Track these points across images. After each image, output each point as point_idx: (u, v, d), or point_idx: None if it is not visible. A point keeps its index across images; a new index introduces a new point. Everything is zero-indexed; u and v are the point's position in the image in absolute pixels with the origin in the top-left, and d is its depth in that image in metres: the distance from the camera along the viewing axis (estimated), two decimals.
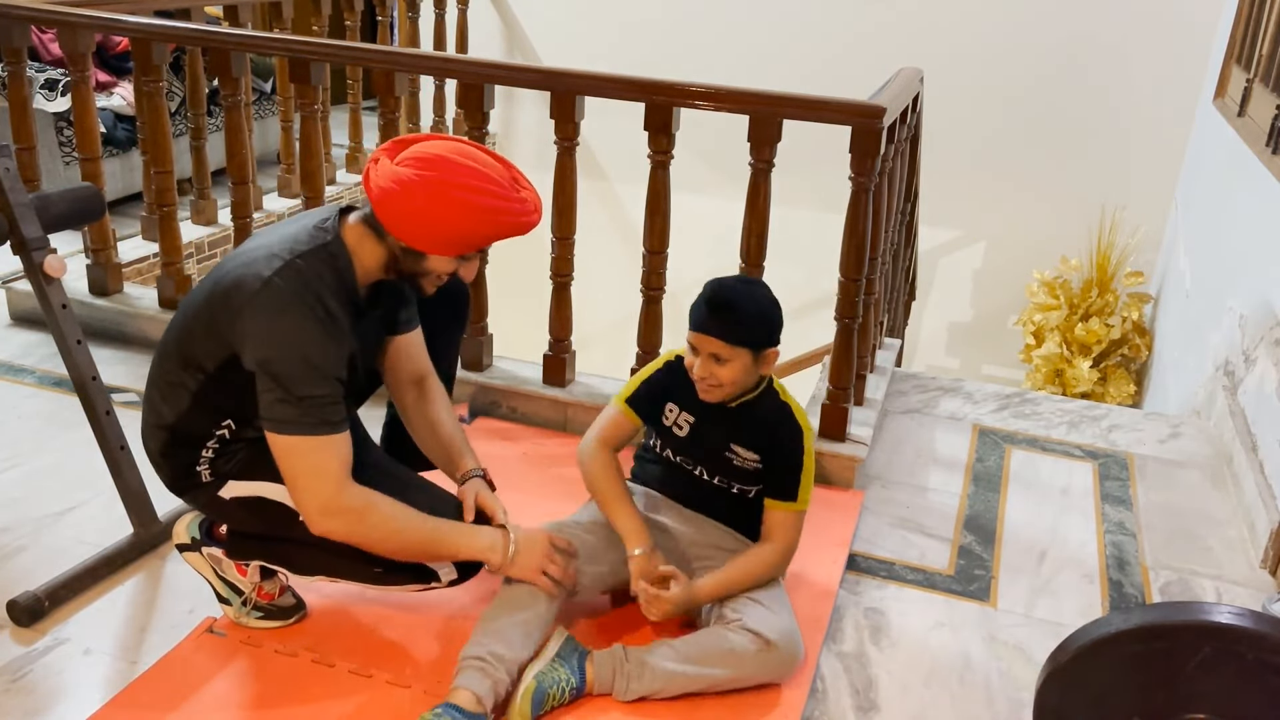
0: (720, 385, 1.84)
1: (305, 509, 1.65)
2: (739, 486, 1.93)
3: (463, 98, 2.57)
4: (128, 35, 3.09)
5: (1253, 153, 3.32)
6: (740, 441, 1.90)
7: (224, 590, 1.86)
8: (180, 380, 1.69)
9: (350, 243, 1.68)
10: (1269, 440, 2.55)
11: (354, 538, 1.68)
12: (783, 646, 1.77)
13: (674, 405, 1.95)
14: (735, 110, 2.37)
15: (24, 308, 3.12)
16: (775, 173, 2.42)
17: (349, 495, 1.64)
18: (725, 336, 1.79)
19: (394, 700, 1.72)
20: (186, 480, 1.77)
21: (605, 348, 3.93)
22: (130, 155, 4.13)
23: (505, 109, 5.69)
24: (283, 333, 1.58)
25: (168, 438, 1.74)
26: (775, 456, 1.89)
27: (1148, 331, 4.68)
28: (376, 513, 1.67)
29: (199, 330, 1.66)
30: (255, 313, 1.58)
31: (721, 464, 1.92)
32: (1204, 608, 1.46)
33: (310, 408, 1.59)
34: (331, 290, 1.63)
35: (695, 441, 1.93)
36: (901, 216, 3.17)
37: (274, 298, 1.58)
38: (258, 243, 1.68)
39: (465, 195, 1.61)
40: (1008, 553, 2.34)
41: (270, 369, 1.58)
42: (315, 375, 1.59)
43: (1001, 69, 4.97)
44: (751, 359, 1.82)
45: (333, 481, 1.62)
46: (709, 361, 1.82)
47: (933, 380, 3.20)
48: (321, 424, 1.60)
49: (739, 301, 1.81)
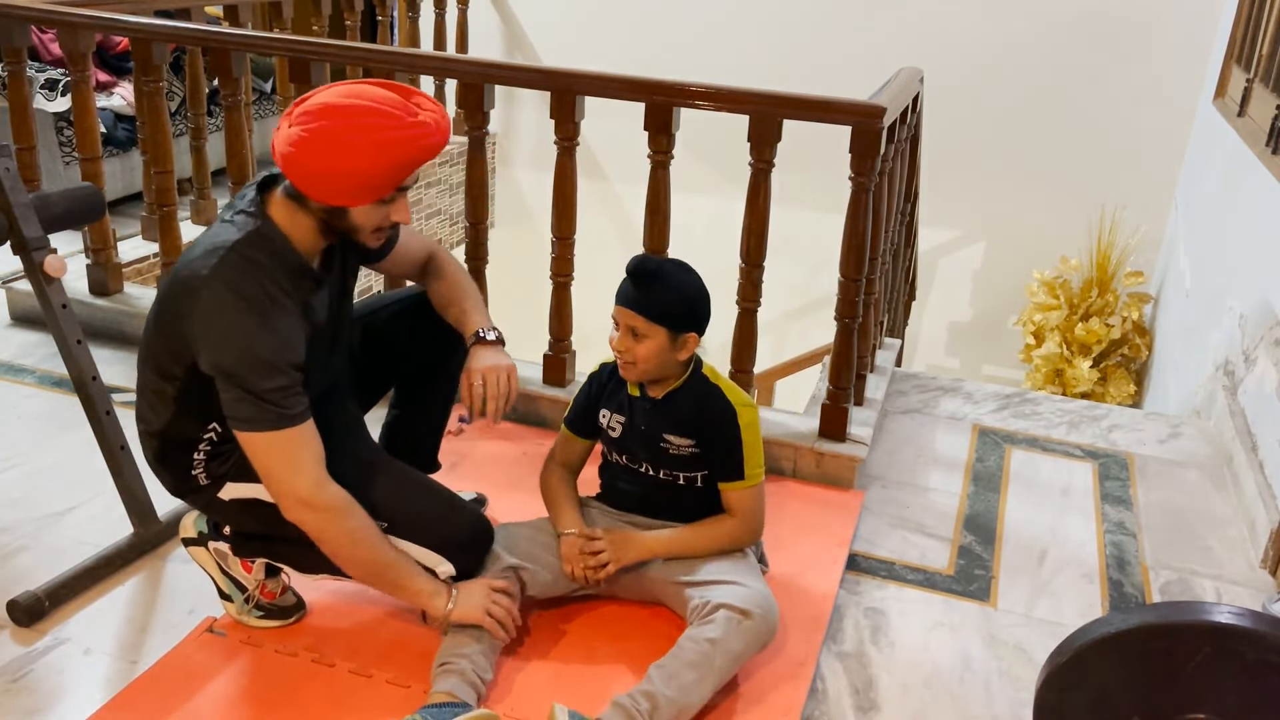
0: (634, 363, 1.85)
1: (280, 499, 1.65)
2: (684, 476, 1.93)
3: (463, 98, 2.57)
4: (128, 35, 3.09)
5: (1253, 153, 3.32)
6: (670, 430, 1.90)
7: (227, 586, 1.86)
8: (159, 388, 1.69)
9: (280, 220, 1.65)
10: (1269, 440, 2.55)
11: (322, 535, 1.66)
12: (757, 613, 1.74)
13: (606, 411, 1.97)
14: (735, 110, 2.37)
15: (24, 308, 3.12)
16: (775, 173, 2.42)
17: (327, 494, 1.63)
18: (643, 310, 1.80)
19: (394, 700, 1.71)
20: (186, 485, 1.77)
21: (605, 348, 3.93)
22: (130, 155, 4.12)
23: (505, 109, 5.69)
24: (225, 331, 1.57)
25: (160, 444, 1.75)
26: (711, 439, 1.89)
27: (1148, 331, 4.69)
28: (348, 520, 1.66)
29: (160, 338, 1.67)
30: (198, 315, 1.57)
31: (659, 455, 1.92)
32: (1204, 608, 1.46)
33: (268, 403, 1.58)
34: (271, 275, 1.61)
35: (630, 437, 1.94)
36: (901, 216, 3.17)
37: (213, 297, 1.57)
38: (198, 241, 1.66)
39: (358, 136, 1.56)
40: (1008, 553, 2.34)
41: (222, 369, 1.58)
42: (265, 369, 1.57)
43: (1001, 69, 4.97)
44: (668, 339, 1.83)
45: (305, 474, 1.62)
46: (627, 335, 1.84)
47: (933, 380, 3.20)
48: (281, 418, 1.59)
49: (662, 278, 1.82)
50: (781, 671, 1.84)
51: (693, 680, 1.67)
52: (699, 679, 1.68)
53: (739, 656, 1.73)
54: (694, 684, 1.67)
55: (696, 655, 1.69)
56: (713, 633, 1.71)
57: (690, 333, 1.85)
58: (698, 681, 1.68)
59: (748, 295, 2.50)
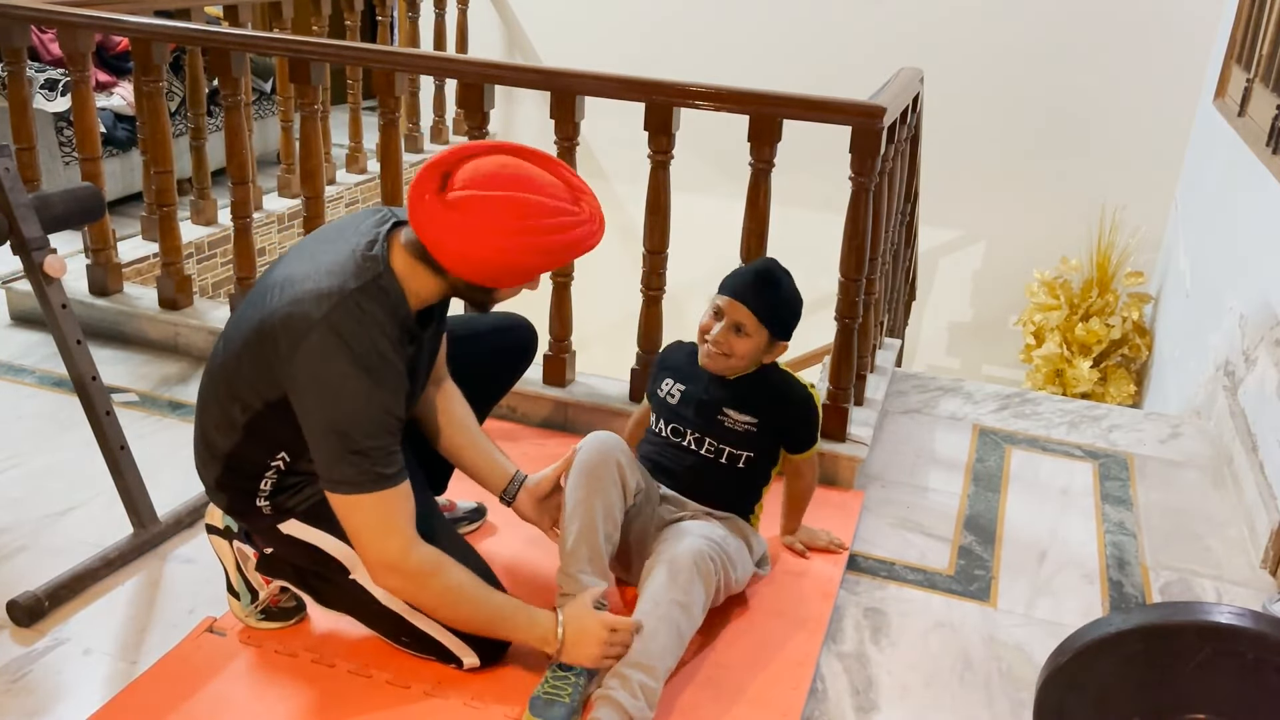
0: (730, 356, 1.91)
1: (369, 564, 1.60)
2: (729, 451, 1.96)
3: (463, 98, 2.57)
4: (128, 35, 3.09)
5: (1253, 153, 3.32)
6: (733, 406, 1.95)
7: (238, 584, 1.85)
8: (230, 412, 1.62)
9: (400, 272, 1.57)
10: (1269, 440, 2.55)
11: (416, 600, 1.65)
12: (684, 563, 1.75)
13: (669, 379, 2.04)
14: (735, 110, 2.37)
15: (24, 308, 3.12)
16: (775, 173, 2.42)
17: (417, 556, 1.58)
18: (758, 311, 1.88)
19: (394, 700, 1.71)
20: (246, 510, 1.72)
21: (605, 348, 3.93)
22: (130, 155, 4.12)
23: (505, 109, 5.69)
24: (334, 387, 1.49)
25: (222, 469, 1.68)
26: (791, 416, 1.98)
27: (1148, 331, 4.68)
28: (442, 579, 1.61)
29: (246, 367, 1.59)
30: (303, 361, 1.50)
31: (713, 427, 1.96)
32: (1204, 608, 1.46)
33: (366, 464, 1.52)
34: (384, 330, 1.53)
35: (686, 404, 1.99)
36: (901, 216, 3.17)
37: (323, 346, 1.49)
38: (306, 270, 1.56)
39: (527, 239, 1.51)
40: (1008, 553, 2.33)
41: (326, 425, 1.51)
42: (371, 428, 1.51)
43: (1002, 69, 4.97)
44: (767, 342, 1.92)
45: (397, 539, 1.56)
46: (729, 330, 1.90)
47: (933, 380, 3.20)
48: (379, 479, 1.53)
49: (783, 286, 1.91)
50: (781, 671, 1.84)
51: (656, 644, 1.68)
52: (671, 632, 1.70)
53: (695, 600, 1.74)
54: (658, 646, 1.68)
55: (647, 618, 1.70)
56: (654, 589, 1.73)
57: (784, 340, 1.95)
58: (670, 631, 1.70)
59: None
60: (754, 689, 1.78)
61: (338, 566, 1.71)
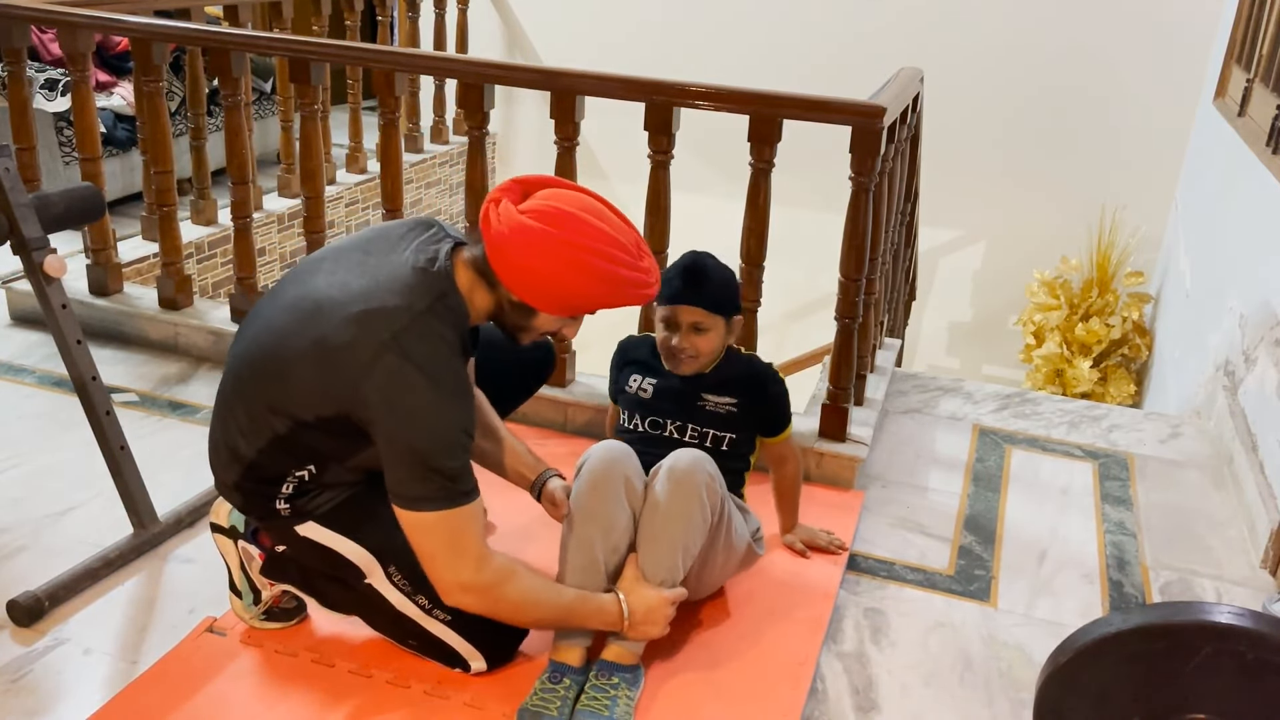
0: (698, 356, 1.94)
1: (442, 584, 1.59)
2: (713, 433, 1.98)
3: (463, 98, 2.57)
4: (128, 35, 3.09)
5: (1253, 153, 3.32)
6: (710, 390, 1.98)
7: (240, 583, 1.85)
8: (267, 422, 1.59)
9: (463, 288, 1.59)
10: (1269, 440, 2.55)
11: (492, 613, 1.64)
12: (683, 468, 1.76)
13: (636, 374, 2.05)
14: (735, 110, 2.37)
15: (24, 308, 3.12)
16: (775, 173, 2.42)
17: (489, 570, 1.58)
18: (705, 304, 1.90)
19: (394, 700, 1.71)
20: (261, 511, 1.70)
21: (605, 348, 3.92)
22: (130, 155, 4.13)
23: (505, 109, 5.69)
24: (411, 411, 1.48)
25: (244, 472, 1.65)
26: (757, 395, 2.00)
27: (1148, 331, 4.68)
28: (514, 586, 1.62)
29: (299, 382, 1.54)
30: (377, 385, 1.47)
31: (695, 414, 1.98)
32: (1204, 608, 1.46)
33: (443, 482, 1.51)
34: (455, 349, 1.54)
35: (661, 396, 2.01)
36: (901, 216, 3.17)
37: (401, 370, 1.47)
38: (363, 286, 1.53)
39: (590, 259, 1.53)
40: (1008, 553, 2.33)
41: (399, 446, 1.50)
42: (451, 448, 1.51)
43: (1002, 69, 4.98)
44: (725, 326, 1.95)
45: (471, 558, 1.56)
46: (690, 333, 1.92)
47: (933, 380, 3.20)
48: (455, 495, 1.53)
49: (711, 268, 1.93)
50: (781, 671, 1.84)
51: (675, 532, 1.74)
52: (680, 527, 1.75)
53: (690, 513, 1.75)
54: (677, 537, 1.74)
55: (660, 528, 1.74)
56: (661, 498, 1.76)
57: (738, 315, 1.98)
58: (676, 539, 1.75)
59: (748, 295, 2.50)
60: (754, 689, 1.78)
61: (354, 571, 1.70)
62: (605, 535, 1.75)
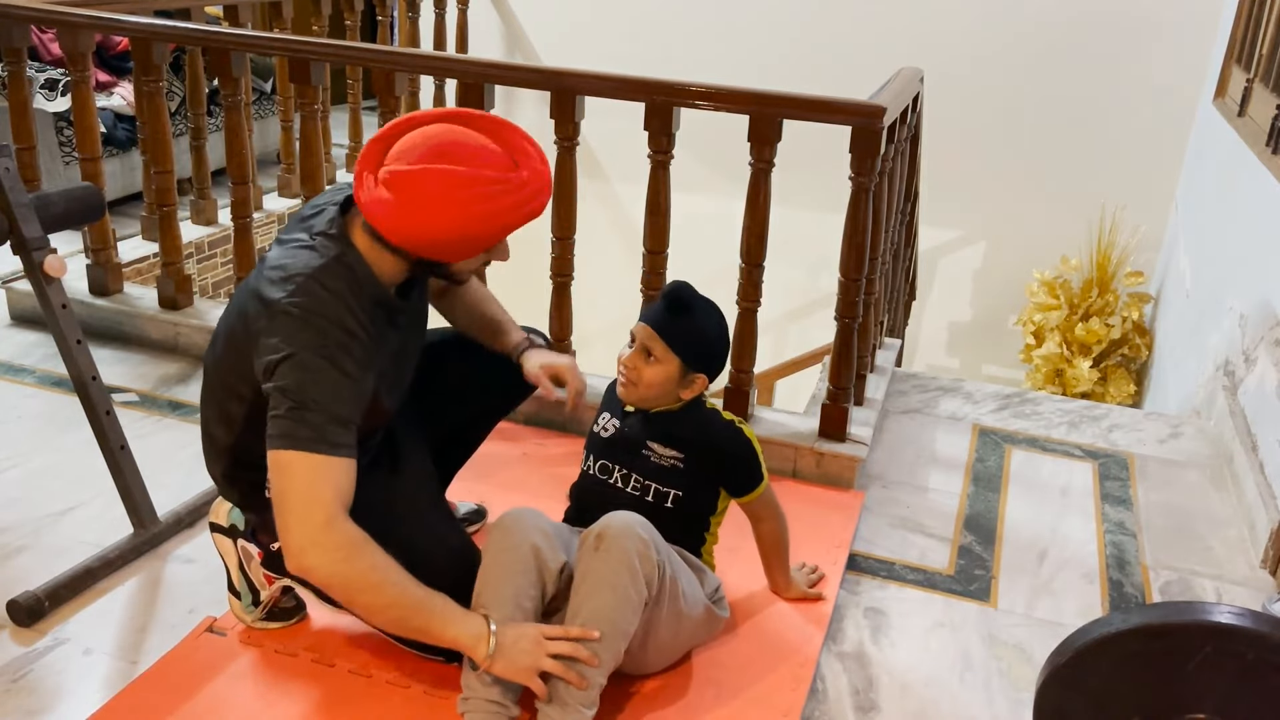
0: (636, 384, 1.80)
1: (290, 539, 1.49)
2: (655, 488, 1.83)
3: (463, 98, 2.57)
4: (128, 35, 3.09)
5: (1253, 153, 3.32)
6: (657, 440, 1.83)
7: (239, 583, 1.85)
8: (226, 406, 1.64)
9: (363, 250, 1.58)
10: (1269, 440, 2.55)
11: (333, 581, 1.51)
12: (613, 534, 1.62)
13: (606, 413, 1.93)
14: (735, 110, 2.37)
15: (24, 308, 3.12)
16: (775, 173, 2.42)
17: (340, 530, 1.48)
18: (666, 336, 1.77)
19: (394, 700, 1.72)
20: (255, 501, 1.72)
21: (605, 348, 3.93)
22: (130, 155, 4.13)
23: (505, 109, 5.65)
24: (292, 361, 1.49)
25: (229, 461, 1.69)
26: (713, 460, 1.84)
27: (1148, 331, 4.69)
28: (367, 557, 1.49)
29: (230, 357, 1.61)
30: (266, 341, 1.50)
31: (639, 462, 1.84)
32: (1204, 608, 1.46)
33: (314, 427, 1.47)
34: (349, 307, 1.53)
35: (616, 441, 1.88)
36: (901, 216, 3.17)
37: (287, 324, 1.49)
38: (275, 256, 1.58)
39: (461, 208, 1.50)
40: (1008, 553, 2.34)
41: (278, 384, 1.49)
42: (323, 392, 1.49)
43: (1002, 69, 4.97)
44: (679, 372, 1.79)
45: (324, 510, 1.47)
46: (639, 354, 1.80)
47: (933, 380, 3.20)
48: (322, 444, 1.47)
49: (694, 312, 1.80)
50: (781, 671, 1.84)
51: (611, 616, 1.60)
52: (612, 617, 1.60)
53: (621, 585, 1.60)
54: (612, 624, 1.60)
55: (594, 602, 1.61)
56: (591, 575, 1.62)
57: (701, 374, 1.81)
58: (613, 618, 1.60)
59: (748, 295, 2.50)
60: (754, 689, 1.78)
61: None
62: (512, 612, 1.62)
